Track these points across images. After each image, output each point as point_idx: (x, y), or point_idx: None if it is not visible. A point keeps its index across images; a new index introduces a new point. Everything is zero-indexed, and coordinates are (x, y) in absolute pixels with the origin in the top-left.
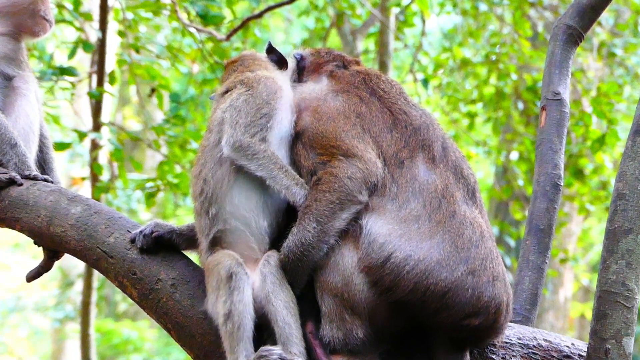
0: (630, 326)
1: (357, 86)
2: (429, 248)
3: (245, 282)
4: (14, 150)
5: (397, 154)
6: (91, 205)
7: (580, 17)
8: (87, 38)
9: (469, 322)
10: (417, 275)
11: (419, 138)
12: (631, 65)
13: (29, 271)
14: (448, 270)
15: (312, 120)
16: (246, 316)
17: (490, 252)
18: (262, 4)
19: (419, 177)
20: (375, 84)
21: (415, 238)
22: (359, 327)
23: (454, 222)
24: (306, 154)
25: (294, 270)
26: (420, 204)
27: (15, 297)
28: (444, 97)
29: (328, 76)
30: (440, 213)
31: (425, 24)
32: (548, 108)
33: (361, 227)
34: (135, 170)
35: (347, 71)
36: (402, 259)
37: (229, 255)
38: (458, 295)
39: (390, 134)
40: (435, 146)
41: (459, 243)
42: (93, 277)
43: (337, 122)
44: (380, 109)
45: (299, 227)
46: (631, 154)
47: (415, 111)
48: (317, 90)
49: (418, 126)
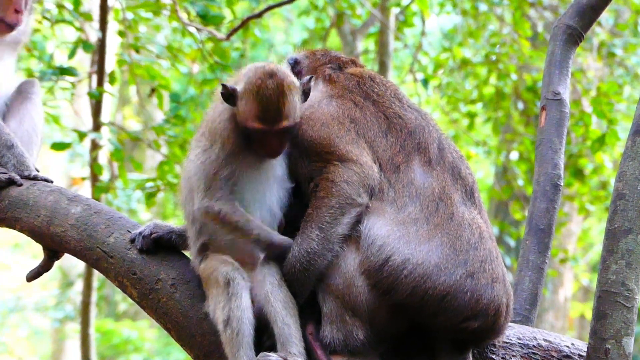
0: (630, 326)
1: (351, 90)
2: (427, 251)
3: (242, 287)
4: (11, 151)
5: (392, 158)
6: (91, 205)
7: (580, 17)
8: (87, 38)
9: (467, 325)
10: (415, 279)
11: (415, 141)
12: (631, 65)
13: (29, 271)
14: (446, 273)
15: (306, 128)
16: (245, 322)
17: (489, 253)
18: (262, 3)
19: (415, 182)
20: (369, 87)
21: (414, 241)
22: (359, 329)
23: (452, 224)
24: (302, 161)
25: (300, 281)
26: (418, 208)
27: (15, 297)
28: (444, 97)
29: (324, 80)
30: (438, 216)
31: (425, 24)
32: (548, 108)
33: (361, 229)
34: (135, 170)
35: (342, 74)
36: (400, 262)
37: (224, 261)
38: (456, 298)
39: (385, 138)
40: (431, 148)
41: (457, 246)
42: (93, 277)
43: (331, 127)
44: (375, 113)
45: (303, 237)
46: (631, 154)
47: (410, 113)
48: (312, 97)
49: (413, 129)
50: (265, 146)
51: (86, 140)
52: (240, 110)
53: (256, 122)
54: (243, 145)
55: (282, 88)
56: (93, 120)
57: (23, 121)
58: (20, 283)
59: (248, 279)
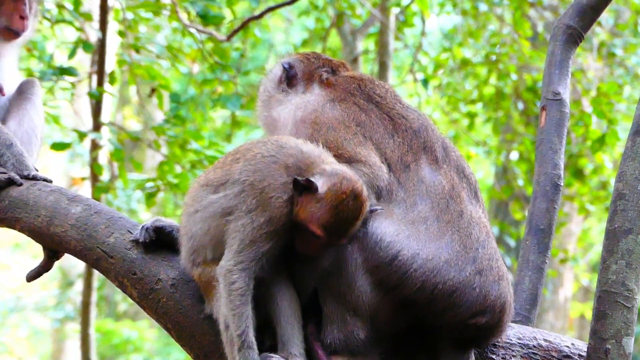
0: (630, 326)
1: (354, 94)
2: (438, 247)
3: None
4: (10, 150)
5: (401, 158)
6: (91, 205)
7: (580, 17)
8: (87, 38)
9: (475, 320)
10: (424, 274)
11: (420, 140)
12: (631, 65)
13: (29, 271)
14: (456, 269)
15: (312, 132)
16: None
17: (495, 251)
18: (262, 4)
19: (425, 180)
20: (370, 90)
21: (424, 238)
22: (360, 329)
23: (462, 222)
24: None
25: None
26: (428, 206)
27: (15, 297)
28: (444, 97)
29: (320, 83)
30: (449, 213)
31: (425, 24)
32: (548, 108)
33: (367, 229)
34: (135, 170)
35: (340, 77)
36: (410, 257)
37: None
38: (465, 294)
39: (392, 139)
40: (436, 147)
41: (467, 243)
42: (93, 277)
43: (338, 131)
44: (379, 115)
45: None
46: (631, 154)
47: (411, 114)
48: (313, 102)
49: (417, 128)
50: (309, 248)
51: (86, 140)
52: (307, 208)
53: (319, 230)
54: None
55: (358, 213)
56: (93, 120)
57: (23, 122)
58: (20, 283)
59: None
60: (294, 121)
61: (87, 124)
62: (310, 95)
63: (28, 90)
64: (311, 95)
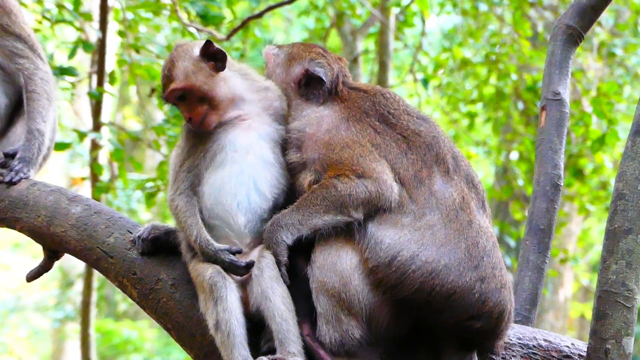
0: (630, 326)
1: (368, 113)
2: (440, 252)
3: (227, 289)
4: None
5: (415, 175)
6: (91, 205)
7: (580, 17)
8: (87, 38)
9: (471, 323)
10: (422, 275)
11: (433, 153)
12: (631, 65)
13: (29, 271)
14: (456, 274)
15: (326, 152)
16: (234, 323)
17: (499, 261)
18: (262, 4)
19: (436, 193)
20: (383, 107)
21: (427, 243)
22: (355, 328)
23: (471, 231)
24: (314, 180)
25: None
26: (437, 216)
27: (15, 297)
28: (444, 97)
29: (334, 96)
30: (458, 222)
31: (425, 24)
32: (548, 108)
33: (365, 232)
34: (135, 170)
35: (352, 91)
36: (409, 257)
37: (208, 263)
38: (464, 298)
39: (406, 157)
40: (447, 158)
41: (473, 252)
42: (93, 277)
43: (354, 149)
44: (394, 136)
45: (280, 212)
46: (631, 154)
47: (422, 126)
48: (327, 120)
49: (429, 142)
50: (185, 117)
51: (86, 140)
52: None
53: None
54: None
55: (171, 57)
56: (93, 120)
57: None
58: (20, 283)
59: (235, 278)
60: (302, 133)
61: (87, 124)
62: (324, 110)
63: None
64: (325, 110)
